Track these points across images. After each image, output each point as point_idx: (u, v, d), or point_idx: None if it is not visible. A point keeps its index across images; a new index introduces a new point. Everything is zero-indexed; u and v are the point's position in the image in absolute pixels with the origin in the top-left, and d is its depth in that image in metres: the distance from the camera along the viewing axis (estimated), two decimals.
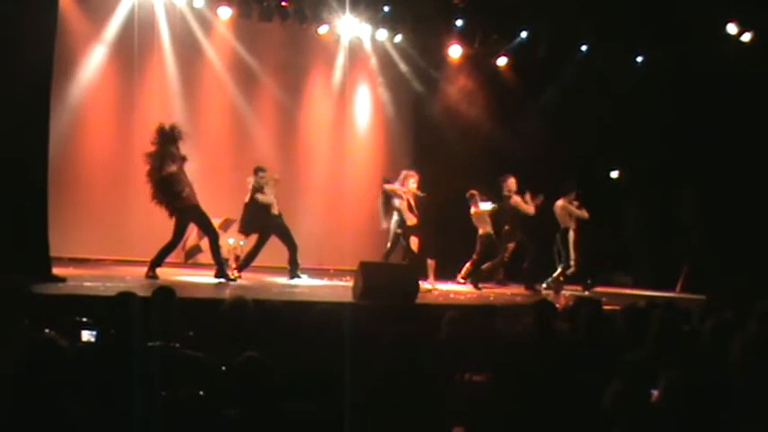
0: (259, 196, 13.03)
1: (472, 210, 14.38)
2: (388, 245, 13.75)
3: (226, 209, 14.14)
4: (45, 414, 4.16)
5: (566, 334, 7.01)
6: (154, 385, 4.88)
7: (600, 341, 6.47)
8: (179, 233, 12.05)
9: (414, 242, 13.34)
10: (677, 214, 17.35)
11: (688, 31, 15.36)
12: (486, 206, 14.32)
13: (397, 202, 13.42)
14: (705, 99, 15.91)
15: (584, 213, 14.75)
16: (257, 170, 13.19)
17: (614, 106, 16.60)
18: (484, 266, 14.21)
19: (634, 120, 16.78)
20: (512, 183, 14.21)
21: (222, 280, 11.93)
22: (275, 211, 13.16)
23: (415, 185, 13.40)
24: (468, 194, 14.41)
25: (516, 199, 14.14)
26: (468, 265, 14.37)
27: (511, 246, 14.32)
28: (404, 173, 13.58)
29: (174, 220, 11.87)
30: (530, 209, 14.10)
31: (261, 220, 13.06)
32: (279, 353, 5.27)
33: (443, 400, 5.32)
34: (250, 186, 13.11)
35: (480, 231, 14.36)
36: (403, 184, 13.41)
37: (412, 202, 13.36)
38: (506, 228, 14.28)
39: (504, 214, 14.26)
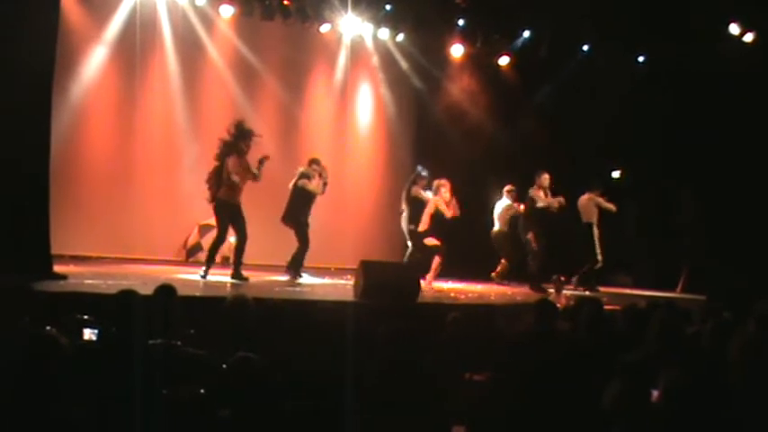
0: (306, 182, 13.08)
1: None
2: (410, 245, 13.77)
3: None
4: (46, 412, 4.17)
5: (566, 334, 7.03)
6: (155, 383, 4.89)
7: (600, 341, 6.48)
8: (220, 228, 12.28)
9: (430, 242, 13.39)
10: (677, 214, 17.36)
11: (689, 31, 15.38)
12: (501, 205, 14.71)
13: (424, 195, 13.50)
14: (706, 99, 15.92)
15: (611, 206, 14.96)
16: (311, 161, 13.33)
17: (615, 106, 16.60)
18: (533, 267, 14.32)
19: (635, 119, 16.80)
20: (543, 179, 14.37)
21: (236, 281, 11.95)
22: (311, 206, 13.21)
23: (447, 194, 13.47)
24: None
25: (535, 191, 14.24)
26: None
27: (542, 242, 14.38)
28: (436, 182, 13.61)
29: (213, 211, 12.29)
30: (542, 202, 14.24)
31: (295, 212, 13.09)
32: (280, 351, 5.29)
33: (444, 399, 5.33)
34: (297, 172, 13.21)
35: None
36: (436, 194, 13.46)
37: (444, 208, 13.39)
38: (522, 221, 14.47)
39: (527, 208, 14.48)
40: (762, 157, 15.32)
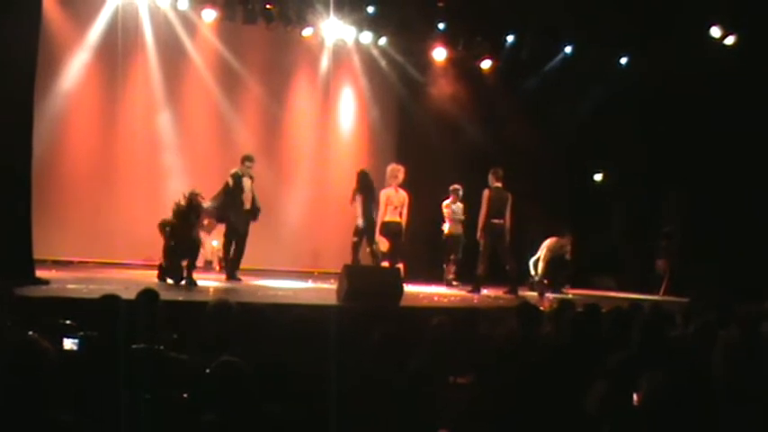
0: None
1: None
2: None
3: None
4: (28, 417, 4.15)
5: (549, 336, 7.03)
6: (138, 388, 4.87)
7: (583, 343, 6.48)
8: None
9: (383, 243, 13.41)
10: (662, 217, 17.41)
11: (673, 33, 15.44)
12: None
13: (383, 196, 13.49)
14: (690, 102, 15.96)
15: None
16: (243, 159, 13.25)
17: (599, 108, 16.64)
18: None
19: (619, 122, 16.82)
20: (489, 177, 13.88)
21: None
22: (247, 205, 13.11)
23: (401, 176, 13.45)
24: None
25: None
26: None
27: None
28: (392, 167, 13.57)
29: None
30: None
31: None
32: (263, 355, 5.27)
33: (430, 402, 5.32)
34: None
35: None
36: (393, 179, 13.41)
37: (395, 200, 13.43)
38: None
39: None
40: (746, 161, 15.35)
